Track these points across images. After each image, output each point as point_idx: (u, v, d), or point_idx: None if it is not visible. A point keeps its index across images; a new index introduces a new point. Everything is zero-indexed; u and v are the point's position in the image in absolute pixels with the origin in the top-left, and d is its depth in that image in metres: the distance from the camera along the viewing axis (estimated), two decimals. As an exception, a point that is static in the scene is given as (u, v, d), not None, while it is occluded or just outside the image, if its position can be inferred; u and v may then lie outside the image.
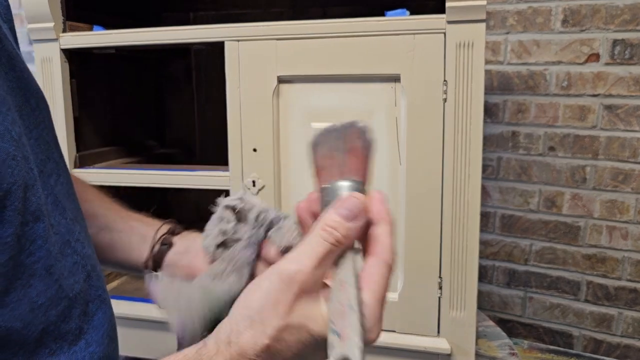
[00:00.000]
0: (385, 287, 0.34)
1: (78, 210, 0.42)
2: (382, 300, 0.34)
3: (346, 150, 0.39)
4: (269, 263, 0.46)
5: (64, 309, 0.35)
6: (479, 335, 1.20)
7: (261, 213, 0.55)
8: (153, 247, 0.51)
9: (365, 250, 0.35)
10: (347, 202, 0.34)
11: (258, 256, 0.52)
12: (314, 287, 0.33)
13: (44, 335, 0.33)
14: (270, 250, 0.48)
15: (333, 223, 0.33)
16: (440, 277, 0.89)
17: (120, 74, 1.29)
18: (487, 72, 1.49)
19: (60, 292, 0.34)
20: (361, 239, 0.36)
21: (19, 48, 0.36)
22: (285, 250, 0.48)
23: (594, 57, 1.39)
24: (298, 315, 0.32)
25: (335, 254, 0.34)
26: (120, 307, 1.01)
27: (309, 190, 0.88)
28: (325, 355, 0.31)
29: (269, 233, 0.52)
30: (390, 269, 0.34)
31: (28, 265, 0.32)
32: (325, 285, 0.34)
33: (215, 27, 0.94)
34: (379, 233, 0.35)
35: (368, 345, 0.32)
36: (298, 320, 0.32)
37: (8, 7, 0.38)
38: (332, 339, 0.31)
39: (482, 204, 1.54)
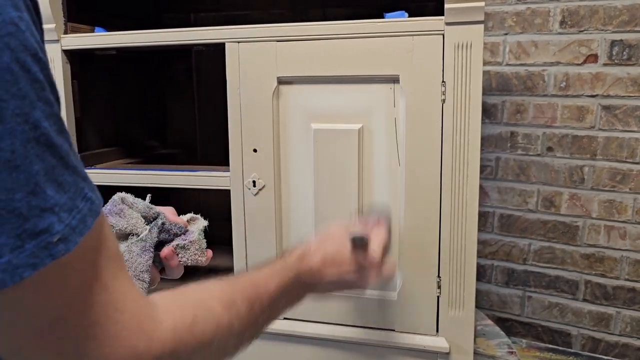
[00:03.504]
0: (384, 239, 0.73)
1: None
2: (382, 241, 0.73)
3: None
4: (169, 265, 0.66)
5: None
6: (477, 334, 1.21)
7: (149, 211, 0.62)
8: None
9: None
10: (369, 218, 0.79)
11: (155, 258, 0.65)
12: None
13: None
14: (172, 259, 0.66)
15: (362, 221, 0.78)
16: (439, 276, 0.89)
17: (122, 75, 1.30)
18: (486, 73, 1.50)
19: None
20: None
21: None
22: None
23: (592, 57, 1.39)
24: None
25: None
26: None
27: (308, 190, 0.91)
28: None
29: (175, 247, 0.65)
30: (386, 237, 0.74)
31: None
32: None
33: (216, 28, 0.94)
34: (380, 228, 0.76)
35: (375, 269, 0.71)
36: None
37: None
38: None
39: (481, 204, 1.55)
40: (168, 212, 0.68)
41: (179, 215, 0.76)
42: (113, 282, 0.34)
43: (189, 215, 0.71)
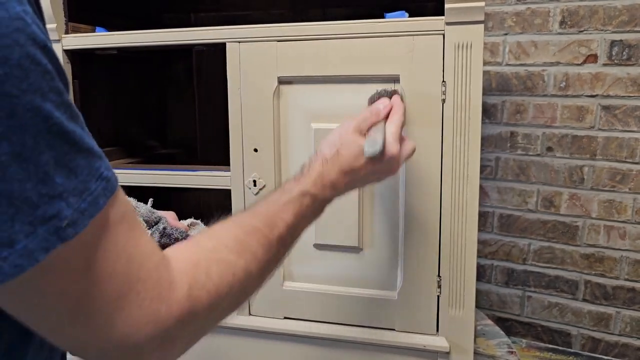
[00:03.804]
0: (399, 125, 0.71)
1: None
2: (398, 128, 0.70)
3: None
4: None
5: None
6: (477, 334, 1.21)
7: (151, 215, 0.62)
8: None
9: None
10: (380, 102, 0.75)
11: None
12: (362, 131, 0.70)
13: None
14: None
15: (374, 109, 0.73)
16: (439, 276, 0.89)
17: (122, 75, 1.30)
18: (486, 73, 1.50)
19: None
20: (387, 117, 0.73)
21: None
22: None
23: (592, 58, 1.40)
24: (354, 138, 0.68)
25: (375, 121, 0.71)
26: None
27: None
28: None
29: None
30: (400, 121, 0.72)
31: None
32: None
33: (216, 28, 0.94)
34: (394, 111, 0.73)
35: (390, 158, 0.68)
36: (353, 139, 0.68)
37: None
38: (366, 140, 0.67)
39: (481, 204, 1.55)
40: (169, 217, 0.69)
41: (179, 219, 0.76)
42: (136, 251, 0.36)
43: (189, 221, 0.72)
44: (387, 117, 0.73)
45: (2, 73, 0.27)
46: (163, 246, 0.66)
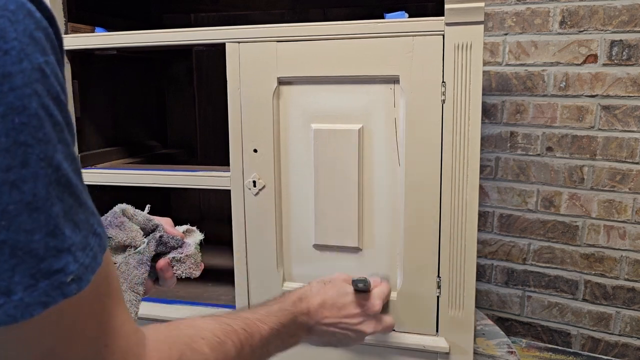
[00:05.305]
0: (386, 291, 0.83)
1: None
2: (385, 291, 0.82)
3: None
4: (164, 277, 0.67)
5: None
6: (477, 334, 1.21)
7: (148, 223, 0.63)
8: None
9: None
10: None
11: (151, 270, 0.66)
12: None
13: None
14: (167, 271, 0.67)
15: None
16: (438, 276, 0.89)
17: (122, 75, 1.30)
18: (486, 73, 1.50)
19: None
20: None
21: None
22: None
23: (592, 58, 1.40)
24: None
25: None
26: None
27: (308, 191, 0.92)
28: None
29: (171, 260, 0.67)
30: (387, 290, 0.84)
31: None
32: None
33: (216, 28, 0.94)
34: (383, 283, 0.84)
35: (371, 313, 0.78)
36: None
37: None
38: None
39: (481, 204, 1.55)
40: (165, 224, 0.69)
41: (179, 219, 0.76)
42: (108, 319, 0.35)
43: (185, 227, 0.72)
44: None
45: (19, 122, 0.28)
46: (160, 254, 0.66)
